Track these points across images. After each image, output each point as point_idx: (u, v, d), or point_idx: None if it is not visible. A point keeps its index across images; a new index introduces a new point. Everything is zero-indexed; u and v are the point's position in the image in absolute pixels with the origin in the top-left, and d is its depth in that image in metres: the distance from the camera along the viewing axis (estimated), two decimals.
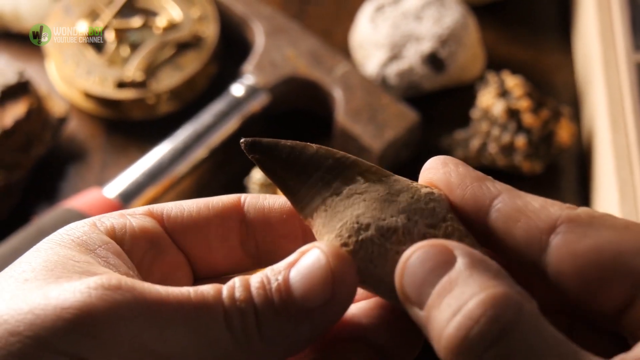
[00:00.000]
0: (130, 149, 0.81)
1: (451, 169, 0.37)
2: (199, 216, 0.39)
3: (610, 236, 0.33)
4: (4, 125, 0.76)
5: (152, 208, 0.39)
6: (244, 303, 0.34)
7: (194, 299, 0.34)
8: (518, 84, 0.78)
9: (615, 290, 0.33)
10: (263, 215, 0.39)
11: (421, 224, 0.36)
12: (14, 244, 0.70)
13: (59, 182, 0.80)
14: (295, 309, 0.34)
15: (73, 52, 0.82)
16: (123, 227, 0.37)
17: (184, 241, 0.39)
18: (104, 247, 0.36)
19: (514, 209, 0.35)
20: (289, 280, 0.35)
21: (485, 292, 0.32)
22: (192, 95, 0.83)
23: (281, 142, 0.38)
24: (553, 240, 0.34)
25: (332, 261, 0.35)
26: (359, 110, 0.79)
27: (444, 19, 0.82)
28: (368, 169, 0.38)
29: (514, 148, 0.77)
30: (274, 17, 0.85)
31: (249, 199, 0.40)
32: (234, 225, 0.39)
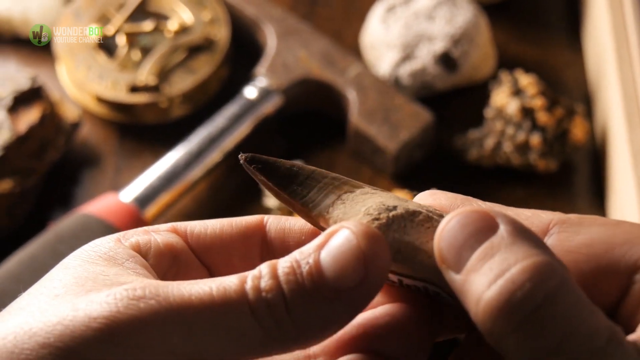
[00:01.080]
0: (144, 153, 0.81)
1: (440, 196, 0.38)
2: (222, 234, 0.40)
3: (602, 231, 0.34)
4: (18, 132, 0.75)
5: (176, 225, 0.40)
6: (271, 293, 0.33)
7: (217, 296, 0.34)
8: (532, 82, 0.78)
9: (610, 282, 0.34)
10: (283, 236, 0.40)
11: (437, 216, 0.37)
12: (31, 250, 0.70)
13: (73, 188, 0.79)
14: (328, 291, 0.34)
15: (84, 56, 0.82)
16: (147, 242, 0.38)
17: (207, 258, 0.40)
18: (131, 260, 0.37)
19: (511, 214, 0.36)
20: (319, 262, 0.34)
21: (529, 259, 0.32)
22: (204, 98, 0.83)
23: (280, 159, 0.40)
24: (547, 240, 0.35)
25: (362, 240, 0.34)
26: (373, 111, 0.79)
27: (456, 18, 0.82)
28: (369, 185, 0.39)
29: (528, 147, 0.77)
30: (285, 18, 0.85)
31: (272, 219, 0.41)
32: (256, 244, 0.40)
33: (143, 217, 0.73)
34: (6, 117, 0.76)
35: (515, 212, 0.36)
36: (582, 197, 0.80)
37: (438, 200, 0.38)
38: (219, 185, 0.80)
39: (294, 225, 0.41)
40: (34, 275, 0.68)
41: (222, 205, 0.79)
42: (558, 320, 0.31)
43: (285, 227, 0.41)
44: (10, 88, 0.77)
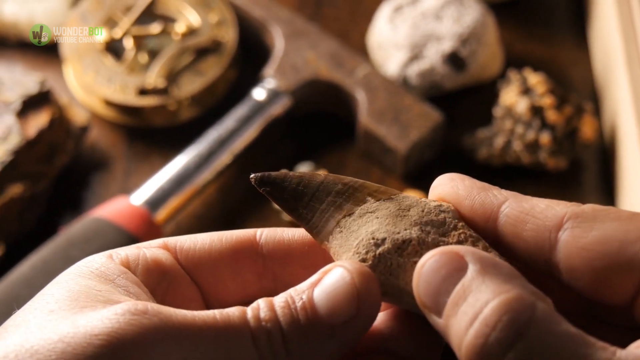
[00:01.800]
0: (153, 156, 0.81)
1: (458, 183, 0.38)
2: (212, 249, 0.40)
3: (615, 227, 0.34)
4: (27, 136, 0.75)
5: (167, 241, 0.40)
6: (270, 322, 0.35)
7: (221, 320, 0.34)
8: (541, 81, 0.78)
9: (625, 279, 0.34)
10: (283, 248, 0.40)
11: (434, 234, 0.38)
12: (44, 254, 0.69)
13: (83, 191, 0.79)
14: (322, 326, 0.35)
15: (92, 60, 0.82)
16: (137, 258, 0.38)
17: (197, 274, 0.40)
18: (122, 276, 0.37)
19: (521, 212, 0.36)
20: (313, 299, 0.35)
21: (498, 297, 0.33)
22: (212, 100, 0.83)
23: (289, 173, 0.40)
24: (561, 236, 0.35)
25: (356, 277, 0.35)
26: (382, 112, 0.79)
27: (464, 17, 0.82)
28: (377, 189, 0.40)
29: (538, 145, 0.77)
30: (293, 20, 0.85)
31: (266, 233, 0.40)
32: (248, 260, 0.40)
33: (154, 220, 0.73)
34: (15, 122, 0.75)
35: (531, 203, 0.36)
36: (592, 195, 0.80)
37: (455, 189, 0.38)
38: (229, 187, 0.80)
39: (294, 236, 0.41)
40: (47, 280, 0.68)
41: (231, 208, 0.79)
42: (536, 354, 0.32)
43: (284, 238, 0.40)
44: (19, 92, 0.77)
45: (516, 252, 0.37)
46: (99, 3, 0.85)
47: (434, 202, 0.39)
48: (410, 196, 0.39)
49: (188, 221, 0.78)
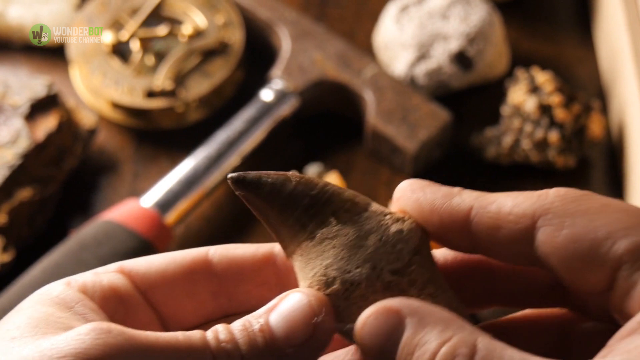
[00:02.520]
0: (161, 159, 0.81)
1: (419, 195, 0.38)
2: (166, 272, 0.40)
3: (585, 224, 0.34)
4: (36, 140, 0.75)
5: (123, 265, 0.40)
6: (229, 344, 0.36)
7: (183, 341, 0.35)
8: (548, 79, 0.79)
9: (596, 276, 0.34)
10: (235, 266, 0.40)
11: (386, 272, 0.37)
12: (55, 258, 0.69)
13: (92, 194, 0.79)
14: (278, 348, 0.36)
15: (99, 62, 0.82)
16: (94, 285, 0.38)
17: (153, 298, 0.40)
18: (81, 303, 0.37)
19: (490, 218, 0.36)
20: (269, 322, 0.36)
21: (440, 351, 0.33)
22: (220, 102, 0.83)
23: (263, 176, 0.39)
24: (536, 236, 0.35)
25: (313, 302, 0.37)
26: (390, 112, 0.79)
27: (471, 17, 0.82)
28: (342, 205, 0.38)
29: (547, 143, 0.78)
30: (299, 20, 0.85)
31: (219, 251, 0.40)
32: (202, 280, 0.40)
33: (164, 222, 0.73)
34: (24, 125, 0.75)
35: (497, 206, 0.36)
36: (600, 193, 0.79)
37: (418, 204, 0.38)
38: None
39: (245, 253, 0.40)
40: None
41: (240, 210, 0.79)
42: None
43: (236, 256, 0.40)
44: (27, 96, 0.77)
45: (496, 254, 0.38)
46: (104, 5, 0.85)
47: (396, 225, 0.38)
48: (375, 214, 0.38)
49: (197, 223, 0.78)
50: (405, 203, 0.38)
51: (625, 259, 0.34)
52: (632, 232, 0.34)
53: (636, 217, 0.34)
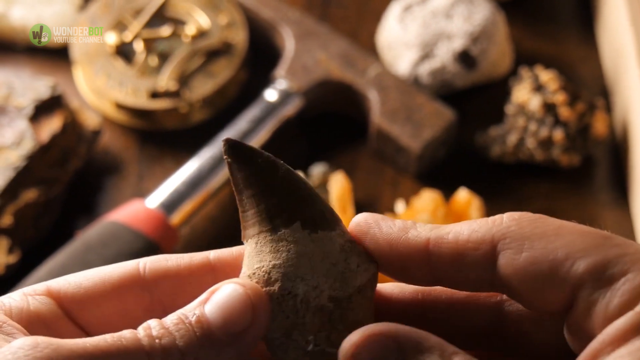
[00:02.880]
0: (165, 159, 0.81)
1: (375, 231, 0.38)
2: (95, 291, 0.38)
3: (543, 246, 0.35)
4: (41, 141, 0.75)
5: (50, 286, 0.39)
6: (165, 339, 0.35)
7: (112, 343, 0.34)
8: (552, 78, 0.79)
9: (556, 296, 0.35)
10: (170, 278, 0.39)
11: (325, 296, 0.37)
12: (61, 259, 0.69)
13: (97, 196, 0.79)
14: (217, 338, 0.36)
15: (103, 63, 0.82)
16: (20, 310, 0.37)
17: (83, 318, 0.39)
18: (7, 323, 0.36)
19: (449, 247, 0.37)
20: (205, 314, 0.36)
21: None
22: (223, 102, 0.83)
23: (257, 154, 0.38)
24: (497, 260, 0.36)
25: (249, 290, 0.36)
26: (395, 111, 0.79)
27: (474, 16, 0.83)
28: (313, 215, 0.38)
29: (552, 142, 0.78)
30: (303, 20, 0.85)
31: (149, 264, 0.39)
32: (133, 296, 0.39)
33: (170, 223, 0.73)
34: (28, 127, 0.75)
35: (454, 236, 0.37)
36: (605, 191, 0.80)
37: (374, 240, 0.38)
38: None
39: (179, 263, 0.39)
40: None
41: None
42: None
43: (169, 267, 0.39)
44: (31, 97, 0.77)
45: (458, 283, 0.38)
46: (107, 6, 0.85)
47: (353, 259, 0.38)
48: (339, 237, 0.38)
49: (202, 224, 0.78)
50: (363, 239, 0.38)
51: (585, 278, 0.34)
52: (590, 252, 0.34)
53: (592, 239, 0.35)
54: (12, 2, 0.86)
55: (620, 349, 0.33)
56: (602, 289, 0.34)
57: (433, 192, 0.73)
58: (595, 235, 0.35)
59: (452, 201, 0.74)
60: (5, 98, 0.77)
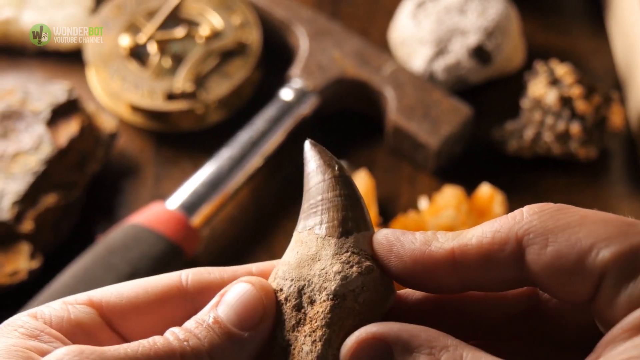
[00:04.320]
0: (182, 161, 0.81)
1: (398, 249, 0.38)
2: (138, 302, 0.39)
3: (567, 237, 0.35)
4: (59, 145, 0.75)
5: (92, 296, 0.40)
6: (192, 340, 0.37)
7: (149, 347, 0.36)
8: (568, 71, 0.79)
9: (583, 286, 0.35)
10: (212, 291, 0.40)
11: (306, 299, 0.38)
12: (84, 263, 0.69)
13: (114, 199, 0.79)
14: (236, 335, 0.37)
15: (118, 66, 0.81)
16: (61, 319, 0.38)
17: (125, 328, 0.40)
18: (46, 332, 0.37)
19: (475, 253, 0.37)
20: (219, 316, 0.37)
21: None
22: (239, 103, 0.83)
23: (331, 156, 0.41)
24: (525, 257, 0.36)
25: (257, 287, 0.38)
26: (412, 108, 0.79)
27: (488, 11, 0.83)
28: (332, 219, 0.39)
29: (569, 135, 0.78)
30: (316, 19, 0.85)
31: (192, 276, 0.40)
32: (176, 306, 0.40)
33: (191, 225, 0.73)
34: (46, 131, 0.75)
35: (477, 239, 0.37)
36: (621, 183, 0.80)
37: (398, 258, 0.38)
38: (261, 189, 0.80)
39: (223, 277, 0.40)
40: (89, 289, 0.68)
41: (264, 211, 0.79)
42: None
43: (211, 281, 0.40)
44: (47, 101, 0.76)
45: (488, 286, 0.38)
46: (119, 9, 0.85)
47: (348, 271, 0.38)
48: (347, 246, 0.38)
49: (222, 225, 0.78)
50: (387, 257, 0.38)
51: (609, 267, 0.34)
52: (614, 241, 0.34)
53: (615, 226, 0.35)
54: (23, 6, 0.86)
55: (636, 337, 0.33)
56: (626, 278, 0.34)
57: (455, 188, 0.73)
58: (619, 222, 0.35)
59: (475, 196, 0.74)
60: (21, 103, 0.76)
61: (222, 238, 0.77)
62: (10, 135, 0.75)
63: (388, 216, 0.76)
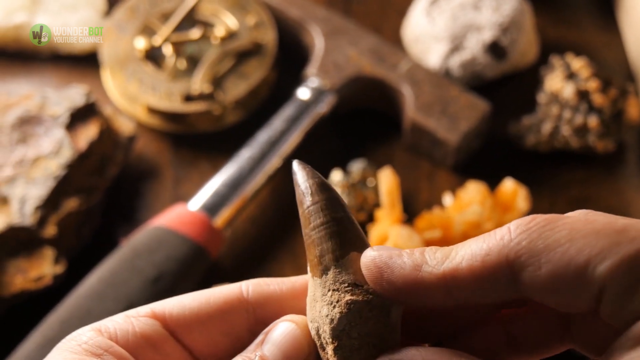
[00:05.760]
0: (200, 162, 0.81)
1: (388, 274, 0.37)
2: (200, 313, 0.40)
3: (559, 257, 0.35)
4: (79, 149, 0.75)
5: (154, 308, 0.40)
6: None
7: None
8: (584, 65, 0.79)
9: (583, 300, 0.35)
10: (273, 302, 0.40)
11: (326, 335, 0.38)
12: (110, 267, 0.69)
13: (134, 201, 0.79)
14: None
15: (134, 69, 0.81)
16: (126, 332, 0.39)
17: (188, 339, 0.40)
18: (110, 350, 0.38)
19: (466, 278, 0.36)
20: (265, 354, 0.38)
21: None
22: (255, 103, 0.83)
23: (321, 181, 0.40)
24: (518, 279, 0.35)
25: (301, 325, 0.39)
26: (430, 105, 0.79)
27: (503, 6, 0.83)
28: (313, 259, 0.39)
29: (587, 129, 0.78)
30: (330, 18, 0.85)
31: (252, 288, 0.40)
32: (238, 317, 0.40)
33: (214, 226, 0.73)
34: (65, 135, 0.75)
35: (469, 262, 0.36)
36: (637, 175, 0.80)
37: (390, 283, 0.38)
38: (280, 189, 0.80)
39: (282, 288, 0.41)
40: (116, 292, 0.68)
41: (284, 211, 0.79)
42: None
43: (272, 292, 0.40)
44: (66, 105, 0.76)
45: (482, 304, 0.38)
46: (132, 11, 0.84)
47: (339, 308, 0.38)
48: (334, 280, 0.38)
49: (243, 225, 0.78)
50: (379, 285, 0.38)
51: (608, 282, 0.34)
52: (607, 254, 0.34)
53: (606, 237, 0.34)
54: (36, 10, 0.86)
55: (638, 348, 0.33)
56: (628, 291, 0.34)
57: (479, 184, 0.73)
58: (608, 232, 0.35)
59: (498, 192, 0.74)
60: (39, 107, 0.76)
61: (243, 238, 0.77)
62: (30, 140, 0.75)
63: (410, 213, 0.77)
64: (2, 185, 0.72)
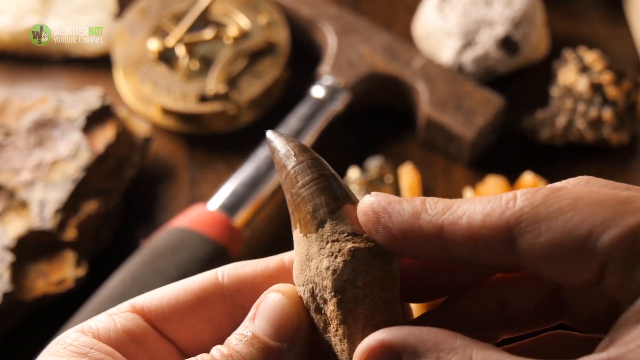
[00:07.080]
0: (216, 162, 0.81)
1: (386, 221, 0.37)
2: (179, 303, 0.40)
3: (561, 225, 0.34)
4: (96, 151, 0.75)
5: (134, 303, 0.40)
6: (236, 356, 0.37)
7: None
8: (597, 58, 0.79)
9: (584, 272, 0.34)
10: (247, 285, 0.40)
11: (319, 297, 0.38)
12: (132, 269, 0.69)
13: (152, 203, 0.79)
14: (274, 347, 0.38)
15: (147, 70, 0.81)
16: (108, 330, 0.39)
17: (169, 330, 0.40)
18: (95, 347, 0.38)
19: (464, 235, 0.35)
20: (256, 330, 0.38)
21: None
22: (270, 102, 0.83)
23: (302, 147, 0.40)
24: (515, 245, 0.35)
25: (288, 294, 0.38)
26: (444, 100, 0.79)
27: (514, 1, 0.83)
28: (304, 217, 0.38)
29: (601, 122, 0.78)
30: (342, 16, 0.85)
31: (228, 272, 0.40)
32: (215, 303, 0.40)
33: (234, 225, 0.73)
34: (82, 138, 0.75)
35: (468, 217, 0.35)
36: None
37: (386, 230, 0.37)
38: None
39: (256, 270, 0.40)
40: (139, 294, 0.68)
41: None
42: None
43: (247, 274, 0.40)
44: (82, 108, 0.76)
45: (479, 263, 0.37)
46: (144, 13, 0.84)
47: (340, 258, 0.37)
48: (331, 233, 0.38)
49: (261, 224, 0.78)
50: (375, 230, 0.37)
51: (611, 253, 0.33)
52: (611, 224, 0.33)
53: (610, 207, 0.33)
54: (47, 14, 0.85)
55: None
56: (632, 262, 0.33)
57: (498, 178, 0.74)
58: (613, 202, 0.34)
59: (518, 185, 0.74)
60: (55, 110, 0.76)
61: (262, 238, 0.77)
62: (47, 144, 0.75)
63: None
64: (21, 189, 0.72)
